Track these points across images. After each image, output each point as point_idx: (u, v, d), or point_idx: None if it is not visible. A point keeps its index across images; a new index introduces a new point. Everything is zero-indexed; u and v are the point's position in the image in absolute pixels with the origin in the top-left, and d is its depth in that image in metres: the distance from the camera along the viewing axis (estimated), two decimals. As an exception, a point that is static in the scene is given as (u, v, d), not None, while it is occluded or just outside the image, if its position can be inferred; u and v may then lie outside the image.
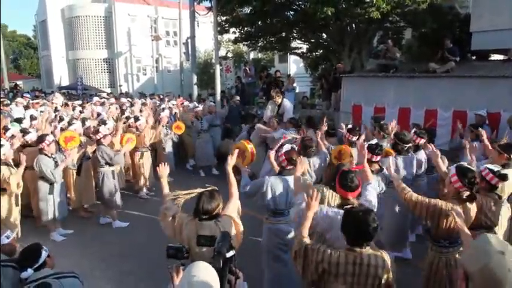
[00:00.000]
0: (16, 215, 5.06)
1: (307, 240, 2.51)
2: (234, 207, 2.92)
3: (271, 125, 6.94)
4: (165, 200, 2.97)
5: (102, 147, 6.04)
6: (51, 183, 5.41)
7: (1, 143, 4.95)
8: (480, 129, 4.50)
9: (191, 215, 2.77)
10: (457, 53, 8.40)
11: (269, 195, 3.62)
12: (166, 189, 3.14)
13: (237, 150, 3.65)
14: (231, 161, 3.40)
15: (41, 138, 5.49)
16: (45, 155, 5.39)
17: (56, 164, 5.42)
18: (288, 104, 7.78)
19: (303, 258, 2.43)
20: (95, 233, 5.93)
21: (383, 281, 2.28)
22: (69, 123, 6.93)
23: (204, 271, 1.82)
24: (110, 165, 6.08)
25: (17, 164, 5.15)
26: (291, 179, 3.59)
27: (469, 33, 8.99)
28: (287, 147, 3.79)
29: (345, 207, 2.68)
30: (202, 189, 2.79)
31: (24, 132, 6.23)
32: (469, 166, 3.07)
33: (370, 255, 2.29)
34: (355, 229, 2.30)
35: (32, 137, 6.06)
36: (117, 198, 6.17)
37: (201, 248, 2.60)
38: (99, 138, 6.08)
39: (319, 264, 2.33)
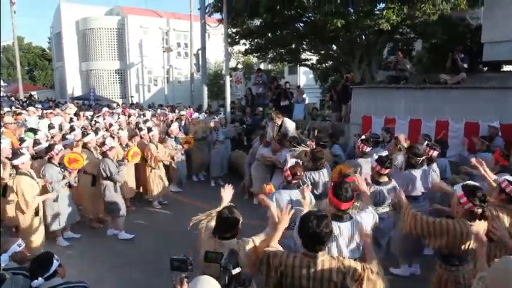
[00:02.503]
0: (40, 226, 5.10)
1: (271, 248, 2.56)
2: (261, 238, 2.81)
3: (273, 147, 6.86)
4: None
5: (106, 161, 5.96)
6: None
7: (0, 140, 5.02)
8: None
9: (211, 233, 2.75)
10: (466, 62, 8.33)
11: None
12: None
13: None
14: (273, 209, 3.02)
15: (49, 148, 5.58)
16: (53, 164, 5.49)
17: (63, 177, 5.51)
18: (289, 123, 7.50)
19: (266, 265, 2.47)
20: (102, 242, 5.95)
21: (339, 286, 2.29)
22: (84, 134, 7.00)
23: (210, 286, 1.82)
24: (111, 179, 6.01)
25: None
26: (294, 193, 3.64)
27: (480, 44, 8.93)
28: (292, 162, 3.82)
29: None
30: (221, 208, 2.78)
31: (35, 143, 6.26)
32: (475, 184, 2.98)
33: (324, 260, 2.32)
34: (307, 233, 2.34)
35: (41, 148, 6.04)
36: (120, 209, 6.05)
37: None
38: (105, 150, 6.05)
39: (278, 268, 2.38)
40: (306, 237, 2.37)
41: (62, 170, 5.59)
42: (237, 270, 2.04)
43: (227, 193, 3.25)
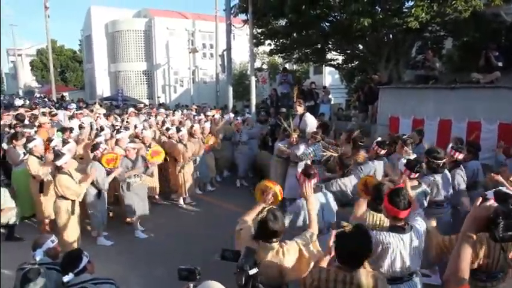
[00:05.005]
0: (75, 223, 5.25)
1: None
2: (306, 237, 2.76)
3: (291, 141, 6.64)
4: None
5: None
6: (99, 190, 5.68)
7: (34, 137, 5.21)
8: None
9: (251, 236, 2.68)
10: (501, 61, 7.99)
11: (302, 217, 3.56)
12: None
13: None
14: (308, 189, 3.11)
15: (95, 147, 5.79)
16: (99, 162, 5.68)
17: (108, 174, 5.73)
18: (310, 119, 7.25)
19: None
20: (128, 240, 6.05)
21: None
22: (118, 131, 7.18)
23: None
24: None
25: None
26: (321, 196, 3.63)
27: (515, 41, 8.57)
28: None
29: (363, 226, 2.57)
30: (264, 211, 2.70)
31: (64, 142, 6.35)
32: (508, 191, 2.84)
33: (361, 274, 2.21)
34: (345, 252, 2.25)
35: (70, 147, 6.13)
36: (135, 207, 6.13)
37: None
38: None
39: (311, 284, 2.28)
40: (343, 256, 2.27)
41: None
42: (254, 270, 2.02)
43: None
